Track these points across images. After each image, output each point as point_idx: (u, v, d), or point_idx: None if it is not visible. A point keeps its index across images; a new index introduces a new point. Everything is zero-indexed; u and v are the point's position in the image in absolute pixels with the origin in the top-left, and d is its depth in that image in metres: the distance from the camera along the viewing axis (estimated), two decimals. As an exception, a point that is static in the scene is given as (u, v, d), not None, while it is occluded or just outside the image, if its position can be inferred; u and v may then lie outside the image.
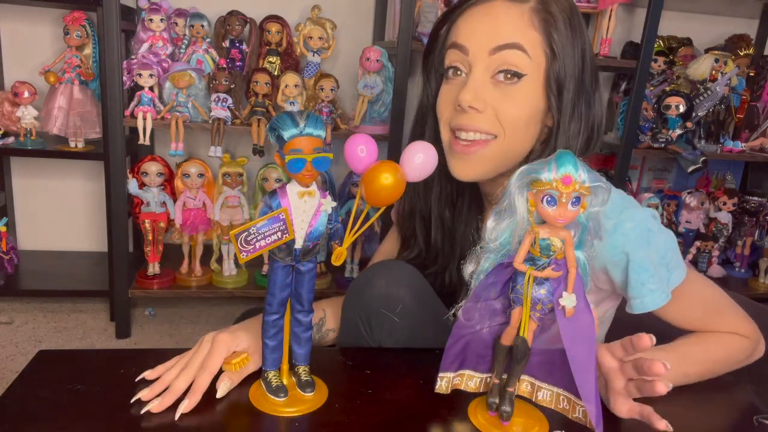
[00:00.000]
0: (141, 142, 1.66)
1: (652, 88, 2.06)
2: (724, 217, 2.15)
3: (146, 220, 1.73)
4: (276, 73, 1.82)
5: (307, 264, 0.62)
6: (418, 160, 0.62)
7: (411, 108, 1.66)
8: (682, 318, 0.80)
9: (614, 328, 0.92)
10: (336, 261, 0.63)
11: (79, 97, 1.78)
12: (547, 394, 0.64)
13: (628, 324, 0.91)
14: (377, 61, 1.77)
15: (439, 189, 0.91)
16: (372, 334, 0.82)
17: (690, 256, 2.16)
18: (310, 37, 1.84)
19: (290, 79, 1.74)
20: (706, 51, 2.09)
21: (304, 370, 0.66)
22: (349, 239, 0.62)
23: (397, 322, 0.81)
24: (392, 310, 0.81)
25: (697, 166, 1.86)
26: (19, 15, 1.92)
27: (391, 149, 1.77)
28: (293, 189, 0.60)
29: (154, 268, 1.81)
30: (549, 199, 0.55)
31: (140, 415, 0.61)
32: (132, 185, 1.66)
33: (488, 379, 0.66)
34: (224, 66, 1.79)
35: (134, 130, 1.77)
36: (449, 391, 0.66)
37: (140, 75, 1.65)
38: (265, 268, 1.90)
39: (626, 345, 0.64)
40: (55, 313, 1.92)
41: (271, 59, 1.85)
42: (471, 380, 0.67)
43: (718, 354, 0.79)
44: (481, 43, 0.75)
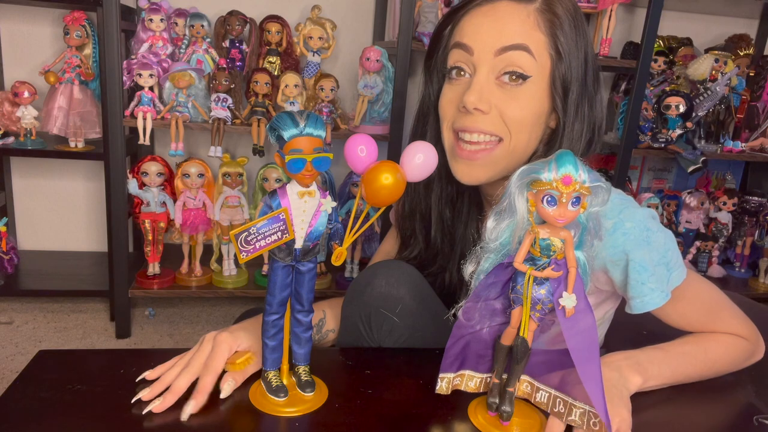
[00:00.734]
0: (141, 142, 1.66)
1: (652, 88, 2.06)
2: (724, 217, 2.15)
3: (146, 220, 1.73)
4: (276, 73, 1.82)
5: (307, 264, 0.62)
6: (419, 160, 0.62)
7: (411, 108, 1.66)
8: (682, 319, 0.80)
9: (614, 330, 0.92)
10: (336, 261, 0.63)
11: (79, 97, 1.78)
12: (544, 396, 0.64)
13: (629, 325, 0.92)
14: (377, 61, 1.77)
15: (440, 189, 0.91)
16: (372, 334, 0.82)
17: (690, 256, 2.16)
18: (310, 37, 1.84)
19: (290, 79, 1.74)
20: (706, 51, 2.09)
21: (304, 370, 0.66)
22: (349, 239, 0.62)
23: (397, 322, 0.81)
24: (392, 310, 0.81)
25: (697, 166, 1.86)
26: (19, 15, 1.92)
27: (391, 149, 1.78)
28: (293, 189, 0.60)
29: (154, 268, 1.81)
30: (549, 199, 0.55)
31: (141, 415, 0.61)
32: (132, 185, 1.66)
33: (488, 379, 0.66)
34: (224, 66, 1.79)
35: (134, 130, 1.77)
36: (450, 392, 0.66)
37: (140, 75, 1.65)
38: (265, 268, 1.90)
39: None
40: (55, 313, 1.92)
41: (271, 59, 1.85)
42: (471, 380, 0.67)
43: (718, 354, 0.79)
44: (486, 43, 0.75)
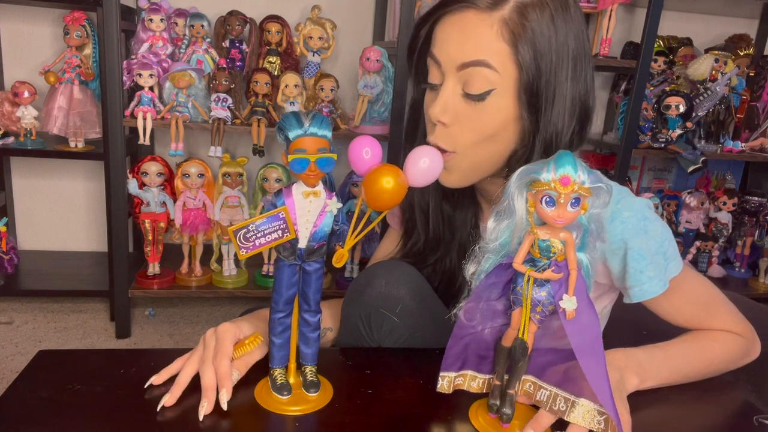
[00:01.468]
0: (141, 142, 1.66)
1: (652, 88, 2.06)
2: (724, 217, 2.15)
3: (146, 220, 1.73)
4: (276, 73, 1.82)
5: (313, 264, 0.62)
6: (424, 164, 0.62)
7: (411, 108, 1.66)
8: (678, 313, 0.80)
9: (614, 330, 0.92)
10: (337, 263, 0.63)
11: (79, 97, 1.78)
12: (545, 394, 0.63)
13: (628, 321, 0.92)
14: (377, 61, 1.77)
15: (436, 183, 0.91)
16: (372, 334, 0.82)
17: (690, 256, 2.16)
18: (310, 37, 1.84)
19: (290, 79, 1.74)
20: (706, 51, 2.09)
21: (310, 371, 0.66)
22: (350, 242, 0.62)
23: (397, 322, 0.81)
24: (392, 310, 0.81)
25: (697, 166, 1.86)
26: (19, 15, 1.92)
27: (392, 149, 1.77)
28: (299, 189, 0.60)
29: (154, 268, 1.81)
30: (547, 199, 0.55)
31: (141, 415, 0.61)
32: (132, 185, 1.66)
33: (491, 380, 0.66)
34: (224, 66, 1.79)
35: (134, 130, 1.77)
36: (451, 391, 0.66)
37: (140, 75, 1.65)
38: (265, 267, 1.90)
39: None
40: (55, 313, 1.92)
41: (271, 59, 1.85)
42: (474, 381, 0.67)
43: (715, 352, 0.79)
44: (450, 57, 0.74)
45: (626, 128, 1.87)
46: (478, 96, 0.73)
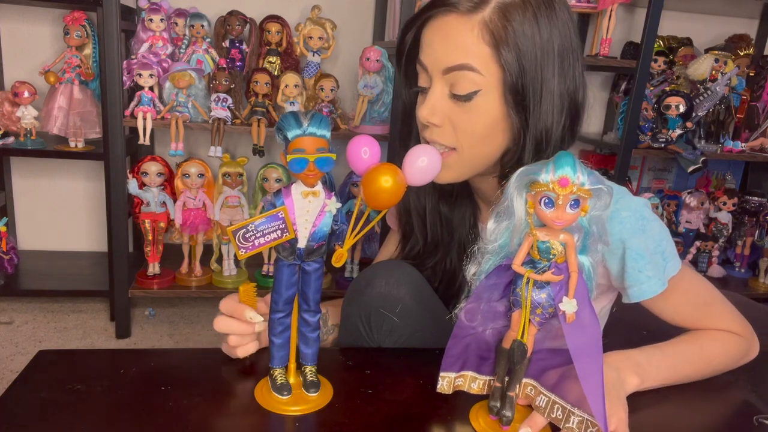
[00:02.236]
0: (141, 142, 1.66)
1: (652, 88, 2.06)
2: (724, 217, 2.15)
3: (146, 220, 1.73)
4: (276, 73, 1.82)
5: (312, 264, 0.62)
6: (422, 163, 0.62)
7: (411, 108, 1.66)
8: (676, 312, 0.80)
9: (614, 329, 0.92)
10: (336, 263, 0.63)
11: (79, 97, 1.78)
12: (543, 400, 0.63)
13: (627, 322, 0.92)
14: (377, 61, 1.77)
15: (432, 185, 0.91)
16: (372, 334, 0.82)
17: (690, 256, 2.16)
18: (310, 37, 1.84)
19: (290, 79, 1.74)
20: (706, 51, 2.09)
21: (310, 371, 0.66)
22: (350, 241, 0.62)
23: (397, 322, 0.81)
24: (392, 310, 0.81)
25: (697, 166, 1.85)
26: (19, 15, 1.92)
27: (391, 149, 1.77)
28: (298, 189, 0.60)
29: (154, 268, 1.81)
30: (546, 201, 0.54)
31: (141, 415, 0.61)
32: (132, 185, 1.66)
33: (491, 381, 0.66)
34: (224, 66, 1.79)
35: (134, 130, 1.77)
36: (451, 392, 0.66)
37: (140, 75, 1.65)
38: (265, 267, 1.90)
39: None
40: (55, 313, 1.92)
41: (271, 59, 1.85)
42: (474, 382, 0.67)
43: (714, 352, 0.79)
44: (435, 62, 0.76)
45: (626, 128, 1.86)
46: (464, 97, 0.74)
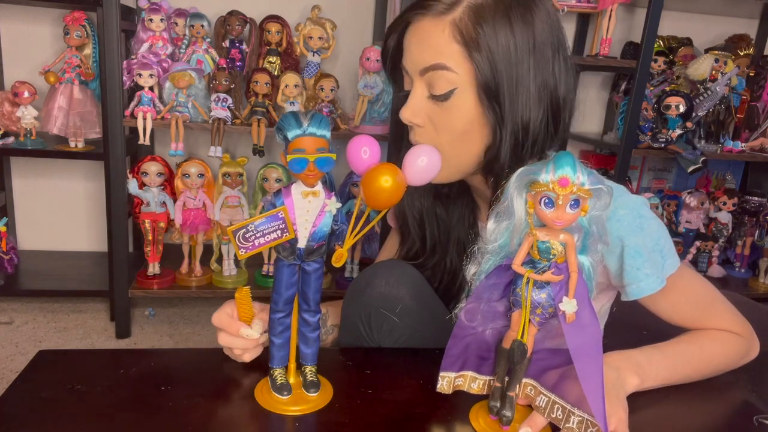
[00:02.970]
0: (141, 142, 1.66)
1: (652, 88, 2.06)
2: (724, 217, 2.15)
3: (146, 220, 1.73)
4: (276, 73, 1.82)
5: (312, 264, 0.62)
6: (422, 163, 0.62)
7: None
8: (675, 311, 0.80)
9: (614, 330, 0.92)
10: (336, 263, 0.63)
11: (79, 97, 1.78)
12: (543, 400, 0.63)
13: (627, 322, 0.92)
14: (377, 61, 1.77)
15: (427, 185, 0.91)
16: (372, 334, 0.82)
17: (690, 256, 2.16)
18: (310, 37, 1.84)
19: (290, 79, 1.74)
20: (706, 51, 2.09)
21: (310, 371, 0.66)
22: (349, 241, 0.62)
23: (397, 322, 0.81)
24: (392, 310, 0.81)
25: (697, 166, 1.85)
26: (19, 15, 1.92)
27: (391, 149, 1.77)
28: (298, 189, 0.60)
29: (154, 268, 1.81)
30: (546, 201, 0.54)
31: (141, 415, 0.61)
32: (132, 185, 1.66)
33: (492, 381, 0.66)
34: (224, 66, 1.79)
35: (134, 130, 1.77)
36: (451, 391, 0.66)
37: (140, 75, 1.65)
38: (265, 267, 1.90)
39: None
40: (55, 313, 1.92)
41: (271, 59, 1.85)
42: (474, 382, 0.67)
43: (714, 352, 0.79)
44: (413, 65, 0.78)
45: (626, 128, 1.86)
46: (442, 96, 0.76)
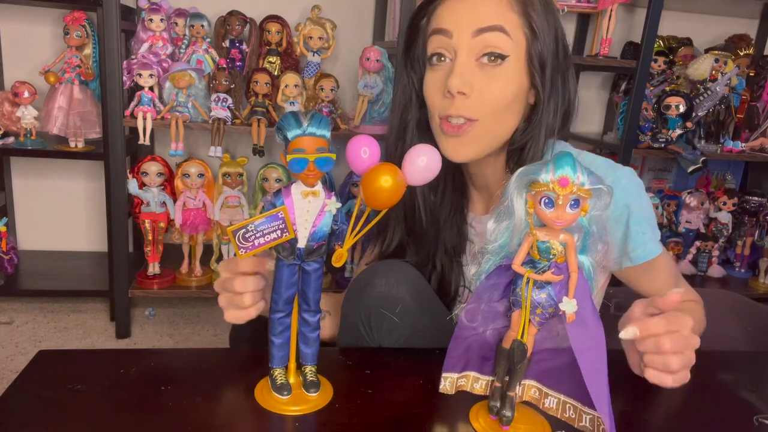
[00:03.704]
0: (141, 142, 1.66)
1: (652, 88, 2.06)
2: (724, 217, 2.15)
3: (146, 220, 1.73)
4: (276, 73, 1.82)
5: (312, 264, 0.62)
6: (422, 163, 0.62)
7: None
8: (660, 281, 0.84)
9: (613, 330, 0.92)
10: (336, 263, 0.62)
11: (79, 97, 1.78)
12: (554, 402, 0.63)
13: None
14: (377, 61, 1.77)
15: None
16: (372, 334, 0.82)
17: (690, 256, 2.16)
18: (310, 37, 1.84)
19: (290, 79, 1.74)
20: (706, 51, 2.09)
21: (310, 371, 0.66)
22: (349, 241, 0.62)
23: (397, 322, 0.81)
24: (392, 310, 0.81)
25: (697, 166, 1.85)
26: (19, 15, 1.92)
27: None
28: (298, 189, 0.60)
29: (154, 268, 1.81)
30: (546, 200, 0.54)
31: (141, 415, 0.61)
32: (132, 185, 1.66)
33: (492, 381, 0.66)
34: (224, 66, 1.79)
35: (134, 130, 1.77)
36: (454, 392, 0.66)
37: (140, 75, 1.65)
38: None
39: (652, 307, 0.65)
40: (55, 313, 1.92)
41: (271, 59, 1.85)
42: (477, 382, 0.67)
43: (700, 316, 0.85)
44: (463, 26, 0.77)
45: (626, 128, 1.86)
46: (497, 56, 0.76)
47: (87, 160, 1.85)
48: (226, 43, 1.81)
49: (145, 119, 1.65)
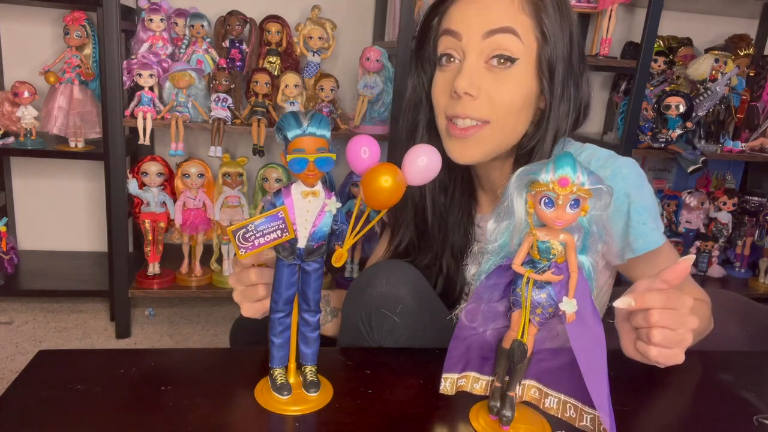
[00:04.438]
0: (141, 142, 1.66)
1: (652, 88, 2.06)
2: (724, 217, 2.15)
3: (146, 220, 1.73)
4: (276, 73, 1.82)
5: (312, 264, 0.62)
6: (422, 163, 0.62)
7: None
8: None
9: (613, 332, 0.92)
10: (336, 263, 0.63)
11: (79, 97, 1.78)
12: (554, 401, 0.63)
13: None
14: (377, 61, 1.77)
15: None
16: (372, 334, 0.82)
17: (690, 256, 2.16)
18: (310, 37, 1.84)
19: (290, 79, 1.74)
20: (706, 51, 2.09)
21: (310, 370, 0.66)
22: (349, 241, 0.62)
23: (398, 322, 0.81)
24: (392, 310, 0.81)
25: (697, 166, 1.85)
26: (19, 15, 1.92)
27: (391, 149, 1.77)
28: (298, 189, 0.60)
29: (154, 268, 1.81)
30: (546, 200, 0.54)
31: (141, 415, 0.61)
32: (132, 185, 1.66)
33: (492, 381, 0.66)
34: (224, 66, 1.79)
35: (134, 130, 1.77)
36: (454, 392, 0.66)
37: (140, 75, 1.65)
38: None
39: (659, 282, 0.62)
40: (55, 313, 1.92)
41: (271, 59, 1.85)
42: (477, 382, 0.67)
43: (705, 314, 0.82)
44: (473, 27, 0.76)
45: (626, 128, 1.86)
46: (507, 59, 0.76)
47: (87, 160, 1.85)
48: (226, 43, 1.81)
49: (145, 119, 1.65)
